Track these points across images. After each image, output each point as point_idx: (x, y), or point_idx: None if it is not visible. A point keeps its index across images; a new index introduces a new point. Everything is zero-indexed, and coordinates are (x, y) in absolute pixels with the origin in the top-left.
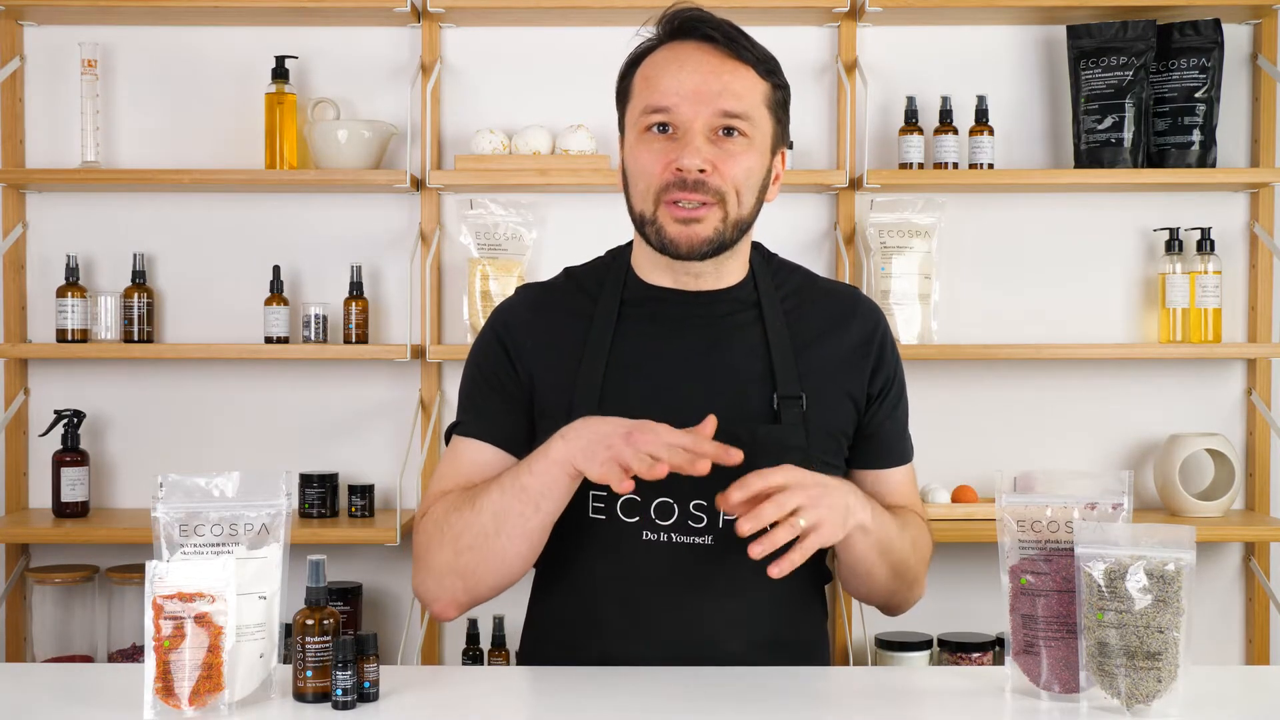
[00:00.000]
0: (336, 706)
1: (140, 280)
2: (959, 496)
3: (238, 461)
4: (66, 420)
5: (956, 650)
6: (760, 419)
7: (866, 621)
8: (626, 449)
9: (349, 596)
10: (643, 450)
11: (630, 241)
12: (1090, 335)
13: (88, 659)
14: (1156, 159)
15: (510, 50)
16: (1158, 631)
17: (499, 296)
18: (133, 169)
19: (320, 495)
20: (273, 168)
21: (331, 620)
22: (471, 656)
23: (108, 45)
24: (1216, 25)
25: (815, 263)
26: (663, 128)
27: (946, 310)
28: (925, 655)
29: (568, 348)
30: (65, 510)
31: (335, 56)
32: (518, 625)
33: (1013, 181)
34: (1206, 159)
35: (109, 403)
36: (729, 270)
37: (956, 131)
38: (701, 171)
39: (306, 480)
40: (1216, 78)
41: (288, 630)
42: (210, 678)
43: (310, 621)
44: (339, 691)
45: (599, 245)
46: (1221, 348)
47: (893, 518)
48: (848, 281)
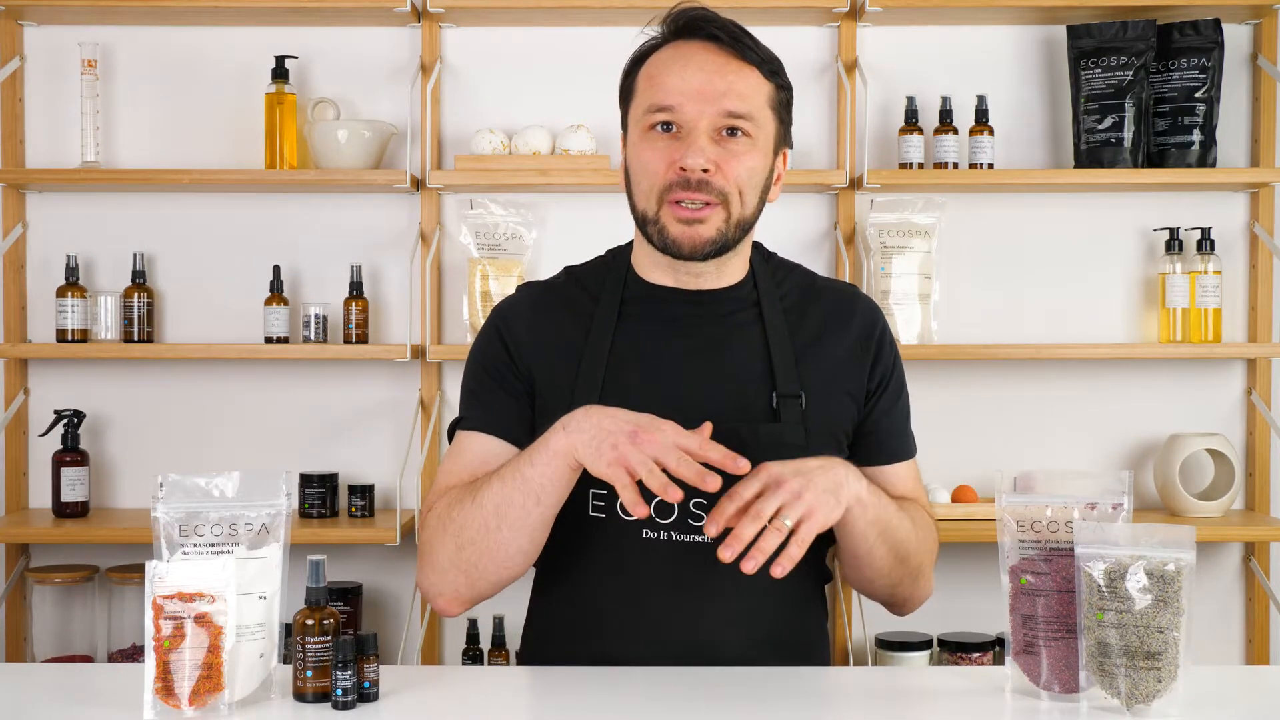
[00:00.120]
0: (336, 706)
1: (140, 280)
2: (959, 496)
3: (238, 461)
4: (66, 420)
5: (956, 650)
6: (760, 418)
7: (866, 621)
8: (633, 451)
9: (349, 596)
10: (649, 453)
11: (630, 241)
12: (1090, 335)
13: (88, 659)
14: (1156, 159)
15: (510, 50)
16: (1158, 631)
17: (499, 296)
18: (133, 169)
19: (320, 495)
20: (273, 168)
21: (331, 620)
22: (471, 656)
23: (108, 45)
24: (1216, 25)
25: (815, 263)
26: (666, 126)
27: (946, 310)
28: (925, 655)
29: (568, 346)
30: (65, 510)
31: (335, 56)
32: (518, 625)
33: (1013, 181)
34: (1206, 159)
35: (109, 403)
36: (730, 270)
37: (956, 131)
38: (705, 171)
39: (306, 480)
40: (1216, 78)
41: (288, 630)
42: (210, 678)
43: (310, 621)
44: (339, 691)
45: (599, 245)
46: (1221, 348)
47: (892, 501)
48: (848, 281)
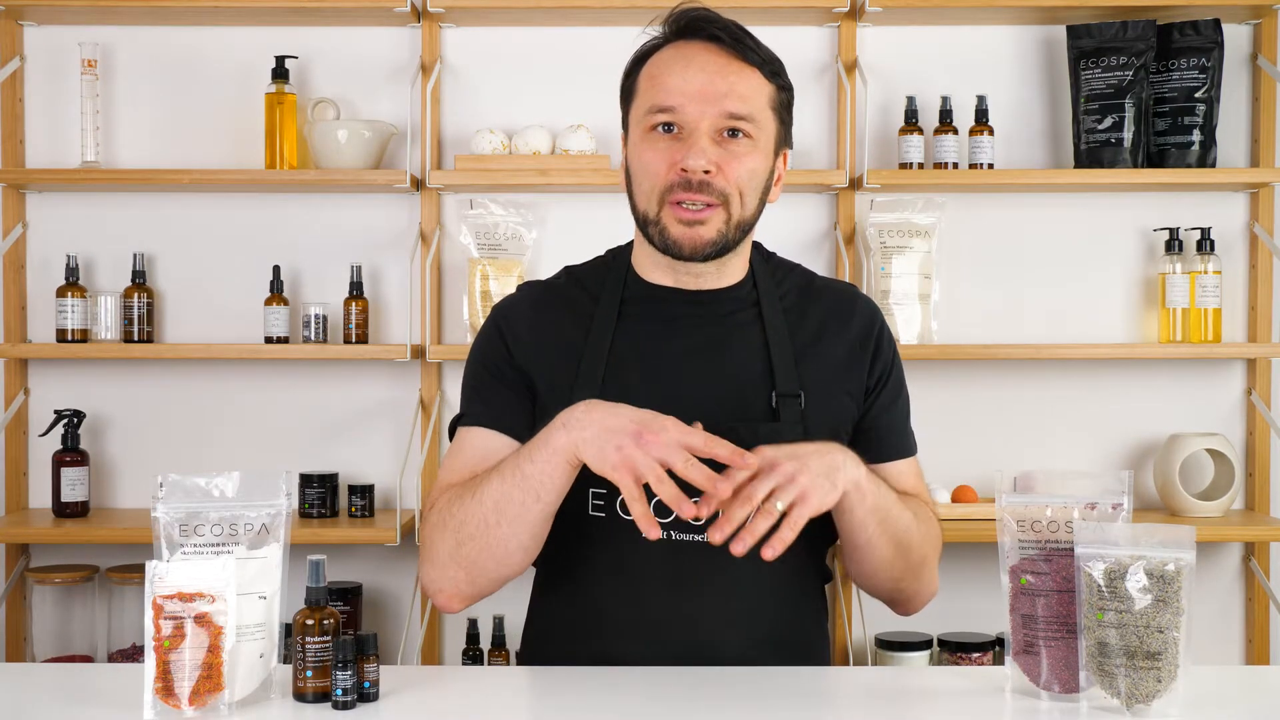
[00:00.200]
0: (336, 706)
1: (140, 280)
2: (959, 496)
3: (238, 461)
4: (66, 420)
5: (956, 650)
6: (759, 417)
7: (866, 621)
8: (638, 454)
9: (349, 596)
10: (654, 455)
11: (631, 241)
12: (1090, 335)
13: (88, 659)
14: (1156, 159)
15: (510, 50)
16: (1158, 631)
17: (499, 296)
18: (133, 169)
19: (320, 495)
20: (273, 168)
21: (331, 620)
22: (471, 656)
23: (108, 45)
24: (1216, 25)
25: (815, 263)
26: (667, 127)
27: (946, 310)
28: (925, 655)
29: (568, 346)
30: (65, 510)
31: (335, 56)
32: (518, 625)
33: (1013, 181)
34: (1206, 159)
35: (109, 403)
36: (730, 270)
37: (956, 131)
38: (706, 173)
39: (306, 480)
40: (1216, 78)
41: (288, 630)
42: (210, 678)
43: (310, 621)
44: (339, 691)
45: (599, 245)
46: (1221, 348)
47: (893, 491)
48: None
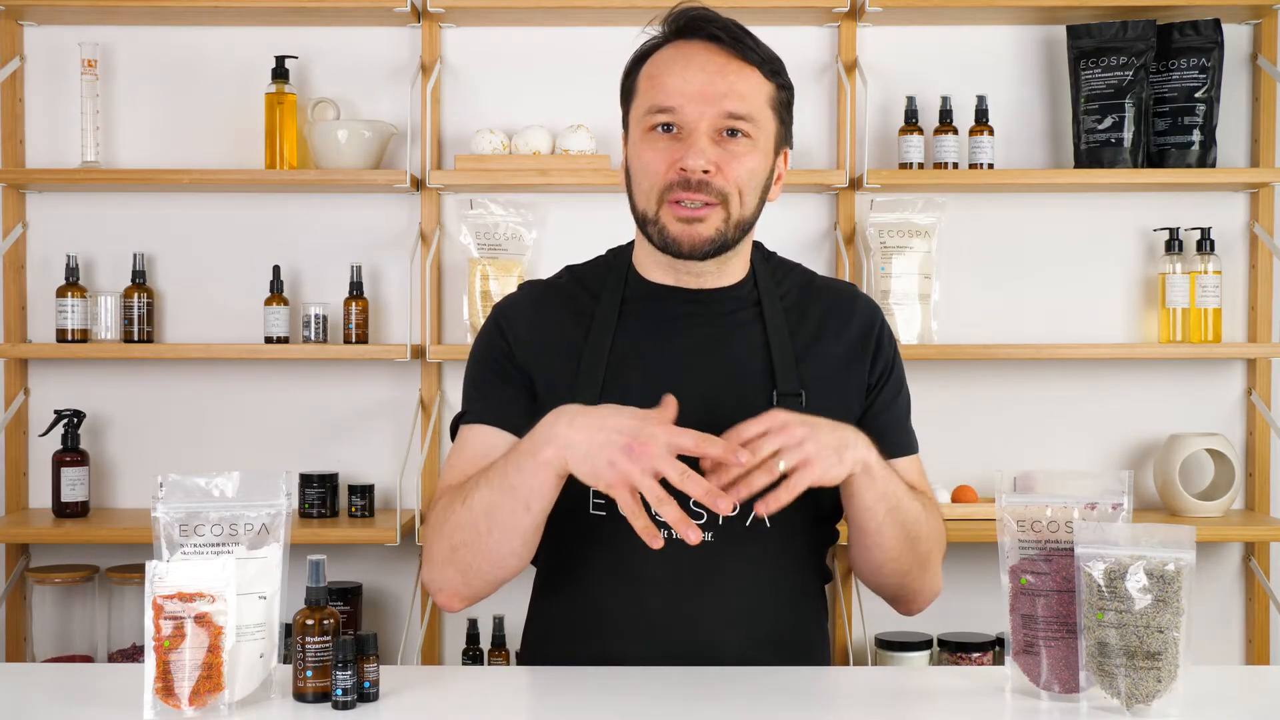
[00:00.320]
0: (336, 706)
1: (140, 280)
2: (959, 496)
3: (238, 461)
4: (66, 420)
5: (956, 650)
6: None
7: (866, 621)
8: (632, 468)
9: (349, 596)
10: (647, 466)
11: (631, 240)
12: (1090, 335)
13: (88, 659)
14: (1156, 159)
15: (510, 50)
16: (1158, 631)
17: (499, 296)
18: (133, 169)
19: (320, 495)
20: (273, 168)
21: (331, 620)
22: (471, 656)
23: (108, 45)
24: (1216, 25)
25: (815, 263)
26: (667, 127)
27: (946, 310)
28: (925, 655)
29: (569, 345)
30: (65, 510)
31: (335, 56)
32: (518, 625)
33: (1013, 181)
34: (1206, 159)
35: (109, 403)
36: (731, 269)
37: (956, 131)
38: (705, 172)
39: (306, 480)
40: (1216, 78)
41: (288, 630)
42: (210, 678)
43: (310, 621)
44: (339, 691)
45: (599, 245)
46: (1221, 348)
47: (900, 482)
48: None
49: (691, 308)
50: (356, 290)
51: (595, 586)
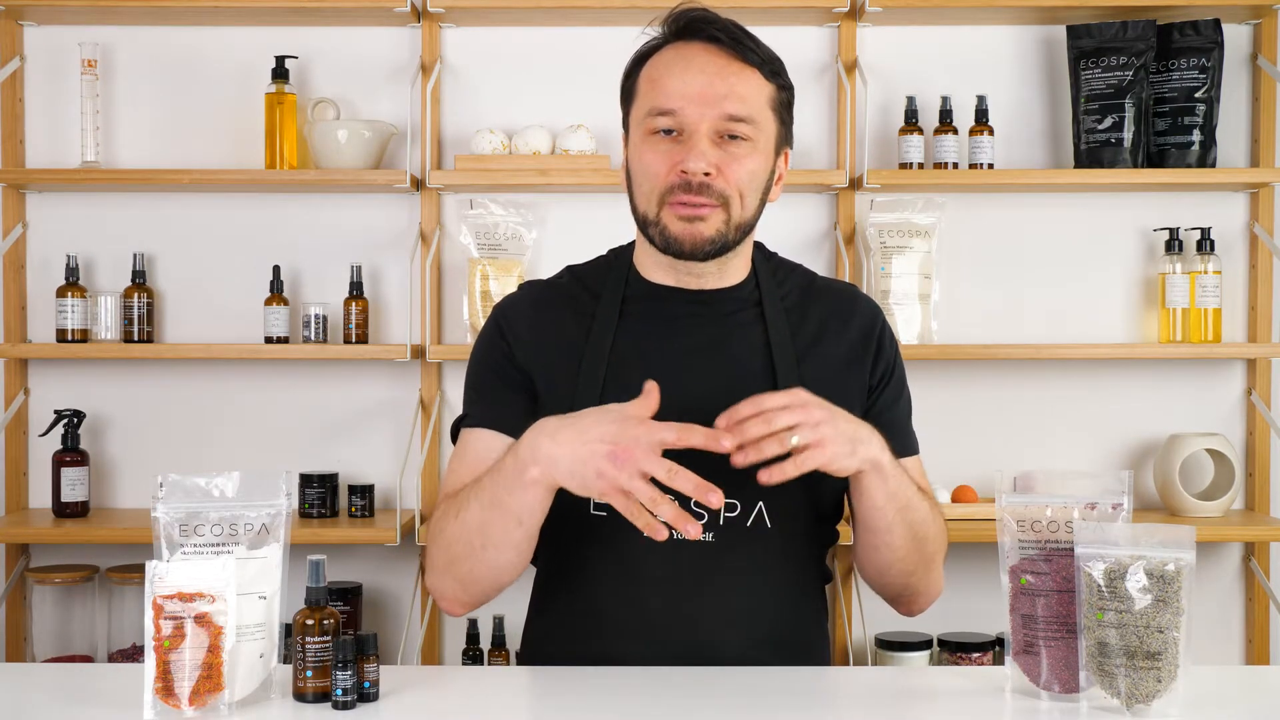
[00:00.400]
0: (336, 706)
1: (140, 280)
2: (959, 496)
3: (238, 461)
4: (66, 420)
5: (956, 650)
6: None
7: (866, 621)
8: (620, 475)
9: (349, 596)
10: (635, 471)
11: (632, 241)
12: (1090, 335)
13: (88, 659)
14: (1156, 159)
15: (510, 50)
16: (1158, 631)
17: (499, 296)
18: (133, 169)
19: (320, 495)
20: (273, 168)
21: (331, 620)
22: (471, 656)
23: (108, 45)
24: (1216, 25)
25: (815, 263)
26: (667, 130)
27: (946, 310)
28: (925, 655)
29: (569, 345)
30: (65, 510)
31: (335, 56)
32: (518, 625)
33: (1013, 181)
34: (1206, 159)
35: (109, 403)
36: (732, 270)
37: (956, 131)
38: (706, 175)
39: (306, 480)
40: (1216, 78)
41: (288, 630)
42: (210, 678)
43: (310, 621)
44: (339, 691)
45: (599, 245)
46: (1221, 348)
47: (908, 481)
48: (847, 281)
49: (692, 308)
50: (356, 290)
51: (595, 587)
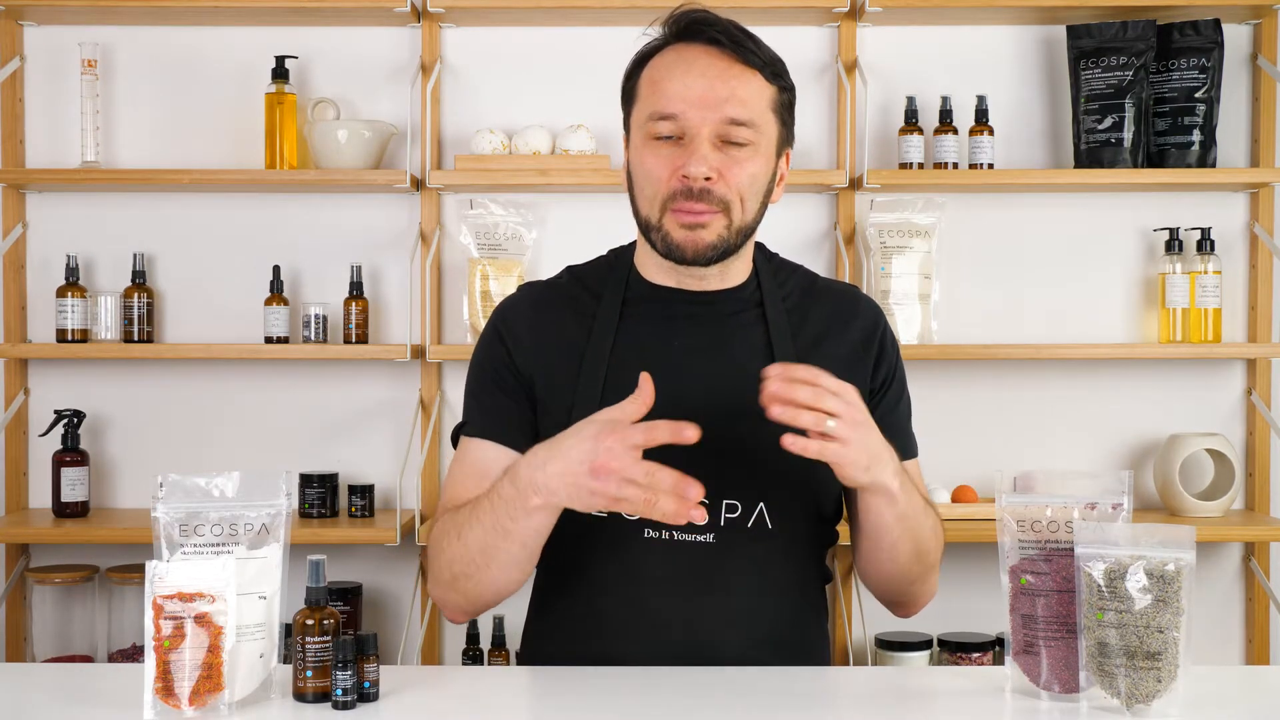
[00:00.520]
0: (336, 706)
1: (140, 280)
2: (959, 496)
3: (238, 461)
4: (66, 420)
5: (956, 650)
6: (762, 418)
7: (866, 621)
8: (607, 487)
9: (349, 596)
10: (618, 478)
11: (633, 241)
12: (1090, 335)
13: (88, 659)
14: (1156, 159)
15: (510, 50)
16: (1158, 631)
17: (499, 296)
18: (133, 169)
19: (320, 495)
20: (273, 168)
21: (331, 620)
22: (471, 656)
23: (108, 45)
24: (1216, 25)
25: (815, 263)
26: (669, 134)
27: (946, 310)
28: (925, 655)
29: (569, 345)
30: (65, 510)
31: (335, 56)
32: (518, 625)
33: (1013, 181)
34: (1206, 159)
35: (109, 403)
36: (733, 271)
37: (956, 131)
38: (708, 180)
39: (306, 480)
40: (1216, 78)
41: (288, 630)
42: (210, 678)
43: (310, 621)
44: (339, 691)
45: (599, 245)
46: (1221, 348)
47: (916, 494)
48: (848, 282)
49: (693, 309)
50: (356, 290)
51: (595, 587)
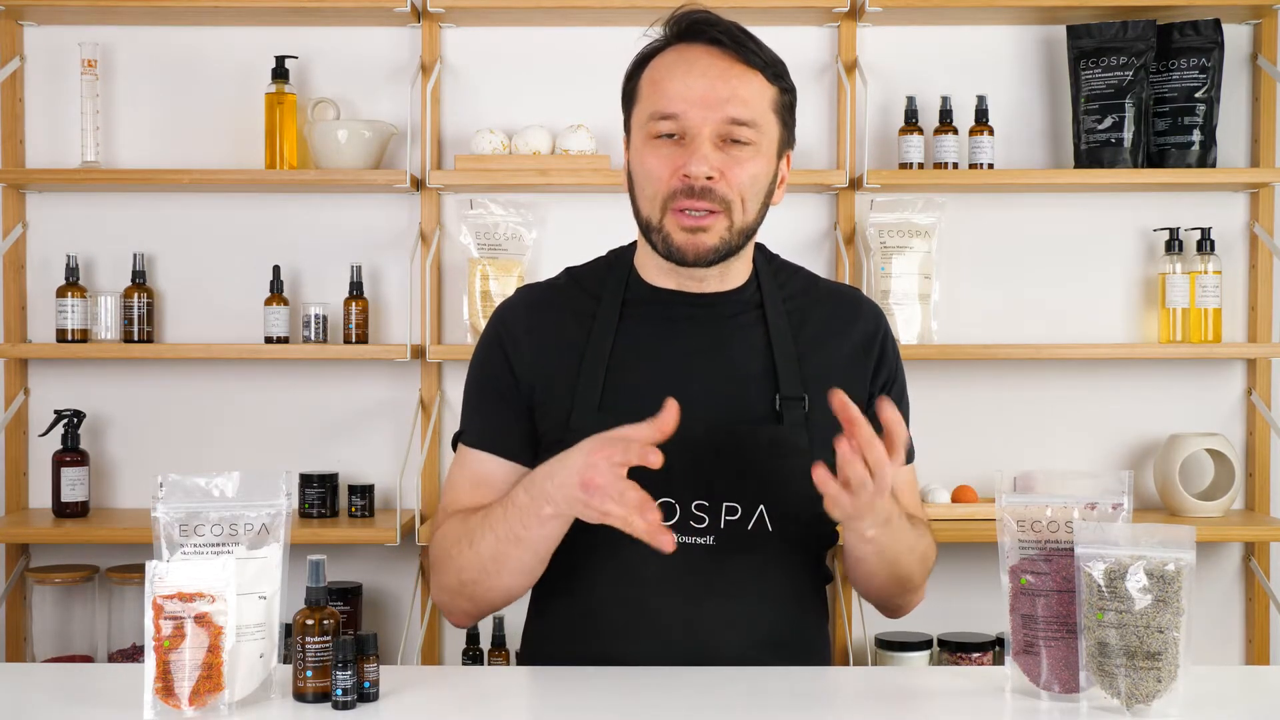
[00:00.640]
0: (336, 706)
1: (140, 280)
2: (959, 496)
3: (238, 461)
4: (66, 420)
5: (956, 650)
6: (762, 420)
7: (866, 621)
8: (598, 503)
9: (349, 596)
10: (603, 493)
11: (633, 242)
12: (1090, 335)
13: (88, 659)
14: (1156, 159)
15: (510, 50)
16: (1158, 631)
17: (499, 296)
18: (133, 169)
19: (320, 495)
20: (273, 168)
21: (331, 620)
22: (471, 656)
23: (108, 45)
24: (1216, 25)
25: (815, 263)
26: (669, 134)
27: (946, 310)
28: (925, 655)
29: (569, 346)
30: (65, 510)
31: (335, 56)
32: (518, 625)
33: (1013, 181)
34: (1206, 159)
35: (109, 403)
36: (733, 273)
37: (956, 131)
38: (709, 179)
39: (306, 480)
40: (1216, 78)
41: (288, 630)
42: (210, 678)
43: (310, 621)
44: (339, 691)
45: (599, 245)
46: (1221, 348)
47: (908, 533)
48: (848, 282)
49: (693, 311)
50: (356, 290)
51: (596, 588)
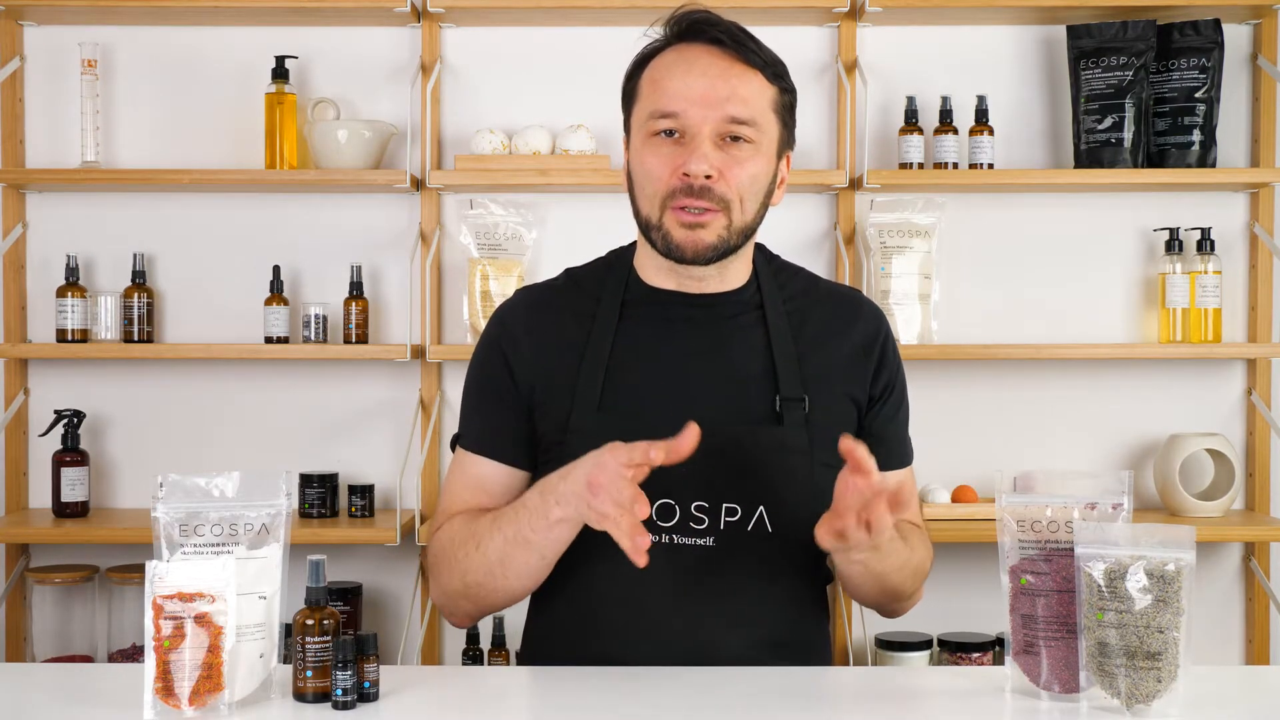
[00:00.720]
0: (336, 706)
1: (140, 280)
2: (959, 496)
3: (238, 461)
4: (66, 420)
5: (956, 650)
6: (762, 421)
7: (866, 621)
8: (607, 506)
9: (349, 596)
10: (608, 498)
11: (633, 242)
12: (1090, 335)
13: (88, 659)
14: (1156, 159)
15: (510, 50)
16: (1158, 631)
17: (499, 296)
18: (133, 169)
19: (320, 495)
20: (273, 168)
21: (331, 620)
22: (471, 656)
23: (108, 45)
24: (1216, 25)
25: (815, 263)
26: (670, 132)
27: (946, 310)
28: (925, 655)
29: (568, 346)
30: (65, 510)
31: (335, 56)
32: (518, 625)
33: (1013, 181)
34: (1206, 159)
35: (109, 403)
36: (733, 273)
37: (956, 131)
38: (708, 178)
39: (306, 480)
40: (1216, 78)
41: (288, 630)
42: (210, 678)
43: (310, 621)
44: (339, 691)
45: (599, 245)
46: (1221, 348)
47: (898, 551)
48: (848, 282)
49: (693, 312)
50: (356, 290)
51: (596, 587)
